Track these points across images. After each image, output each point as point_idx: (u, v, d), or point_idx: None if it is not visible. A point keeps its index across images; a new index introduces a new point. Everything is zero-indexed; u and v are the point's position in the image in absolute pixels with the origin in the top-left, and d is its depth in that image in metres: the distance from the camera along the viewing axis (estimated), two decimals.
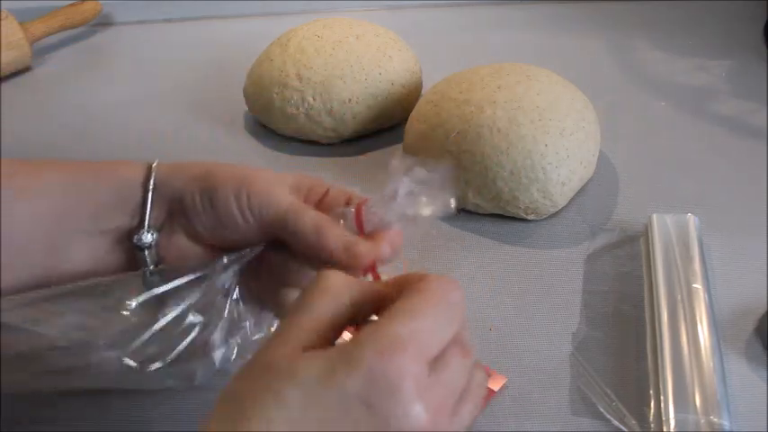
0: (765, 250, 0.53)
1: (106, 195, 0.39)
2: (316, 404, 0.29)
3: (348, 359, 0.29)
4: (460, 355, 0.32)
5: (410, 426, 0.29)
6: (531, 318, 0.49)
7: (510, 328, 0.48)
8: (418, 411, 0.29)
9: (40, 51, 0.84)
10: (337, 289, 0.33)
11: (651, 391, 0.43)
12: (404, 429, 0.29)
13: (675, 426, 0.40)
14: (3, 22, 0.78)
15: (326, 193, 0.41)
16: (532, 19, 0.87)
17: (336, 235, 0.37)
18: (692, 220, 0.52)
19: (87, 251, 0.39)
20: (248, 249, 0.39)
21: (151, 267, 0.40)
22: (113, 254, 0.40)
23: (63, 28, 0.85)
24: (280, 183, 0.39)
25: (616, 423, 0.42)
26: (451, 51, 0.81)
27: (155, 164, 0.40)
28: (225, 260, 0.39)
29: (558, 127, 0.54)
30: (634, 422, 0.41)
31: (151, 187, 0.39)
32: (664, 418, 0.41)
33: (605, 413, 0.42)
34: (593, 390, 0.44)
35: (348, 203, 0.40)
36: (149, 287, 0.39)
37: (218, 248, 0.40)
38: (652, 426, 0.41)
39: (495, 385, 0.44)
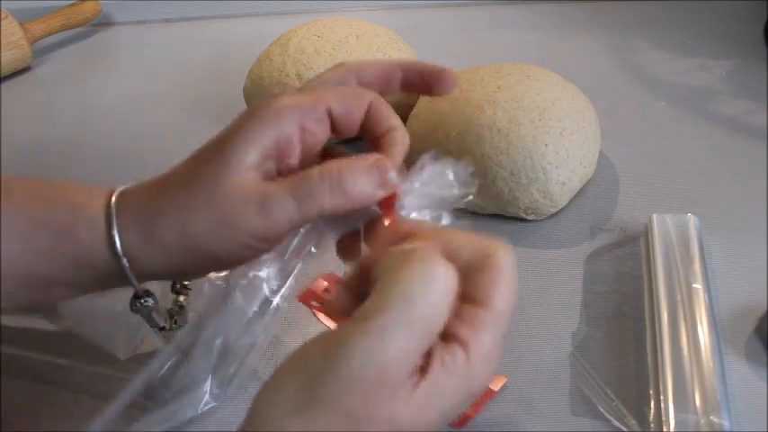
0: (765, 250, 0.53)
1: (74, 263, 0.35)
2: None
3: None
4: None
5: None
6: (531, 318, 0.49)
7: (510, 328, 0.48)
8: None
9: (40, 51, 0.84)
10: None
11: (651, 391, 0.43)
12: None
13: (675, 426, 0.40)
14: (3, 22, 0.78)
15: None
16: (533, 19, 0.86)
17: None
18: (692, 220, 0.52)
19: (72, 290, 0.36)
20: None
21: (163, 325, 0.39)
22: (107, 280, 0.36)
23: (63, 28, 0.84)
24: (251, 186, 0.35)
25: (616, 423, 0.42)
26: (451, 51, 0.81)
27: (118, 244, 0.34)
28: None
29: (558, 127, 0.54)
30: (634, 422, 0.41)
31: (128, 270, 0.35)
32: (664, 418, 0.41)
33: (605, 413, 0.42)
34: (593, 390, 0.44)
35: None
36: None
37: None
38: (652, 426, 0.41)
39: (495, 385, 0.44)
